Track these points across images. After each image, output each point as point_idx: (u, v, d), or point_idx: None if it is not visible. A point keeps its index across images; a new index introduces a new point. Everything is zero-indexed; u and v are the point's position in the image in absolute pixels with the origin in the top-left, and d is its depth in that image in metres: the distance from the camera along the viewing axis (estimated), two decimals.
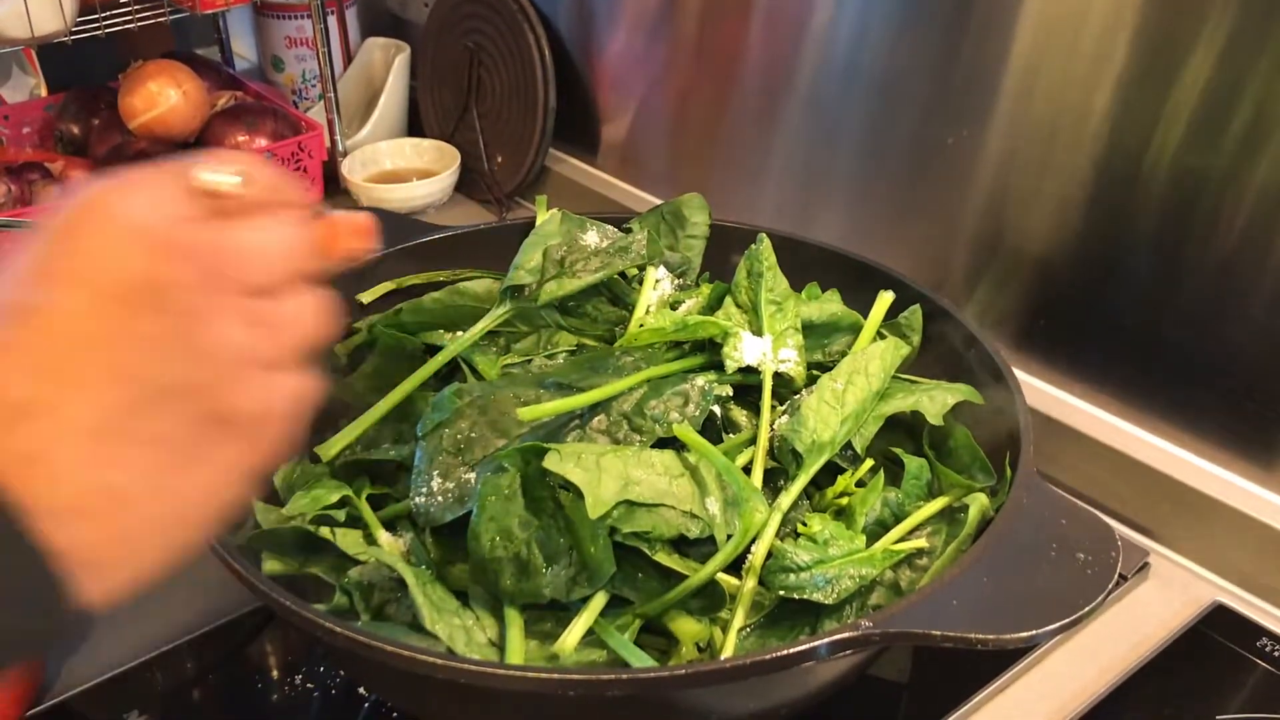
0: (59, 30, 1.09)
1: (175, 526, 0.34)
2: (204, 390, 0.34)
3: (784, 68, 0.95)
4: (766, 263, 0.73)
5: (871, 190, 0.93)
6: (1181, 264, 0.74)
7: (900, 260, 0.81)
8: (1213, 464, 0.77)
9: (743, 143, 1.01)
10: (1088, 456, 0.81)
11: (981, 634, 0.51)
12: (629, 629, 0.58)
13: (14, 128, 1.26)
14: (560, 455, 0.56)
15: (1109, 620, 0.72)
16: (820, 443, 0.64)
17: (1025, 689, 0.67)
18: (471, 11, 1.20)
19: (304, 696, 0.67)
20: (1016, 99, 0.80)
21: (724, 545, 0.58)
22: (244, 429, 0.35)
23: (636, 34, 1.08)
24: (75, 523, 0.32)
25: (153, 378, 0.33)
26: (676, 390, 0.64)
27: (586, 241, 0.78)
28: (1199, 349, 0.75)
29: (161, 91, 1.15)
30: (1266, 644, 0.70)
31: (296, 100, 1.37)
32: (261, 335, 0.35)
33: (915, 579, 0.62)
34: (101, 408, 0.32)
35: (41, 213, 0.34)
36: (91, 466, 0.32)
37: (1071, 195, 0.79)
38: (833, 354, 0.74)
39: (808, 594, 0.57)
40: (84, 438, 0.32)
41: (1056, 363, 0.84)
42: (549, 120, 1.15)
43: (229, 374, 0.35)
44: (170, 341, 0.33)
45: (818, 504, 0.65)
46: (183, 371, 0.34)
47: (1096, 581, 0.54)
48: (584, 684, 0.49)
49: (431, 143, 1.26)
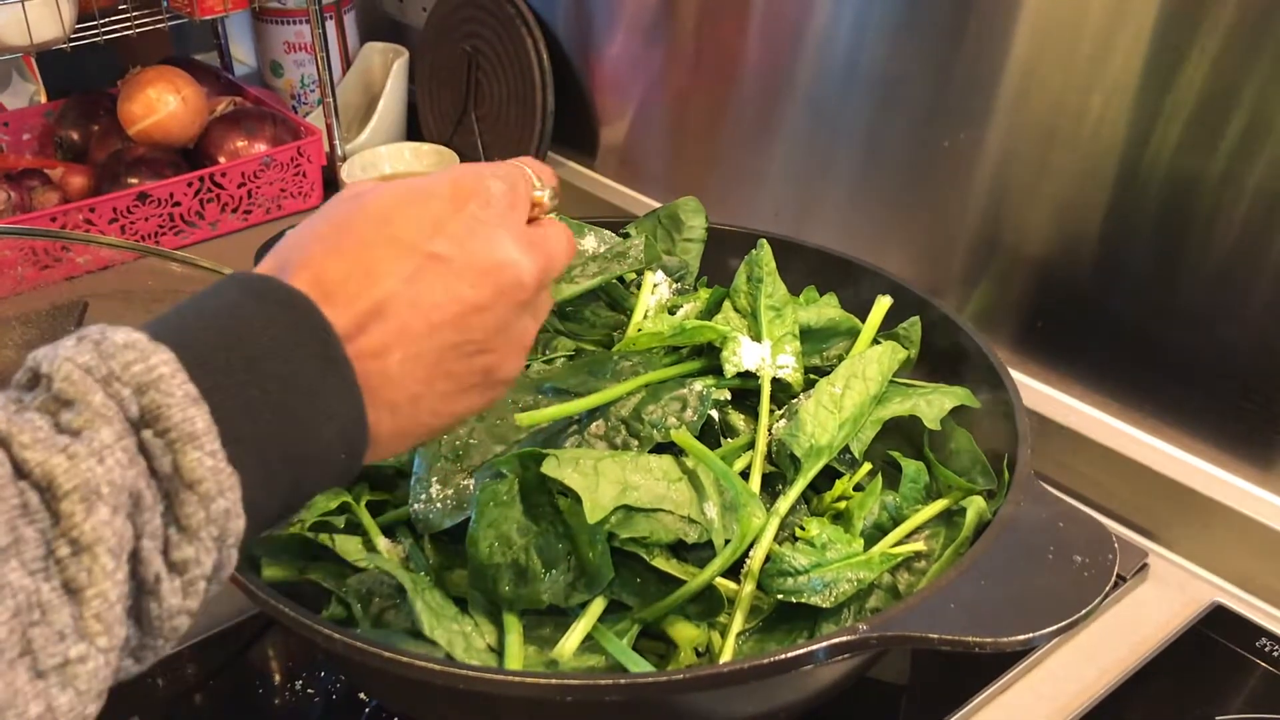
0: (58, 37, 1.10)
1: (436, 427, 0.45)
2: (495, 358, 0.46)
3: (782, 71, 0.95)
4: (766, 268, 0.73)
5: (869, 193, 0.93)
6: (1179, 265, 0.75)
7: (898, 263, 0.81)
8: (1211, 465, 0.77)
9: (740, 146, 1.01)
10: (1086, 458, 0.81)
11: (979, 637, 0.51)
12: (627, 634, 0.58)
13: (13, 134, 1.26)
14: (558, 460, 0.56)
15: (1108, 621, 0.72)
16: (818, 447, 0.64)
17: (1024, 691, 0.67)
18: (469, 15, 1.20)
19: (305, 702, 0.67)
20: (1014, 102, 0.80)
21: (722, 550, 0.59)
22: (497, 386, 0.47)
23: (634, 37, 1.08)
24: (382, 412, 0.42)
25: (474, 340, 0.44)
26: (674, 395, 0.64)
27: (584, 246, 0.78)
28: (1197, 350, 0.76)
29: (160, 97, 1.16)
30: (1266, 644, 0.70)
31: (295, 105, 1.38)
32: (537, 320, 0.49)
33: (913, 582, 0.62)
34: (437, 344, 0.43)
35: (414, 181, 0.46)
36: (411, 377, 0.42)
37: (1069, 198, 0.79)
38: (830, 358, 0.74)
39: (806, 598, 0.57)
40: (416, 359, 0.42)
41: (1054, 365, 0.84)
42: (547, 123, 1.15)
43: (515, 353, 0.47)
44: (502, 325, 0.45)
45: (816, 508, 0.65)
46: (494, 344, 0.45)
47: (1094, 584, 0.54)
48: (582, 689, 0.50)
49: (430, 146, 1.26)
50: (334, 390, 0.39)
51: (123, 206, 1.10)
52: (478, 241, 0.44)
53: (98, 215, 1.09)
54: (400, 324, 0.42)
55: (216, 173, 1.14)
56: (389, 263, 0.42)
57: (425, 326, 0.42)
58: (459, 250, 0.43)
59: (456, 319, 0.43)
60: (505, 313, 0.45)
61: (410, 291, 0.42)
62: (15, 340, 0.90)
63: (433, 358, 0.43)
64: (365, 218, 0.43)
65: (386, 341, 0.41)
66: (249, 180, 1.17)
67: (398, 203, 0.44)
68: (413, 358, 0.42)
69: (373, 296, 0.41)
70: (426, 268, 0.43)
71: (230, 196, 1.16)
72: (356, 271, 0.41)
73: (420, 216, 0.43)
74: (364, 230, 0.43)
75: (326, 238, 0.42)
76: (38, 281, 1.01)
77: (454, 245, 0.43)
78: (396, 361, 0.42)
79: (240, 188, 1.16)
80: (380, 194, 0.44)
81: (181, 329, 0.37)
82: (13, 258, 1.00)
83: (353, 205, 0.44)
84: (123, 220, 1.10)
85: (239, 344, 0.37)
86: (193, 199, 1.14)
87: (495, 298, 0.44)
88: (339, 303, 0.40)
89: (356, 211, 0.43)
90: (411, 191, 0.44)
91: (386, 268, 0.42)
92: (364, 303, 0.41)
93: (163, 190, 1.12)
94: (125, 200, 1.10)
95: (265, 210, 1.19)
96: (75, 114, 1.24)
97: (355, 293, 0.41)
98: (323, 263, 0.41)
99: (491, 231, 0.45)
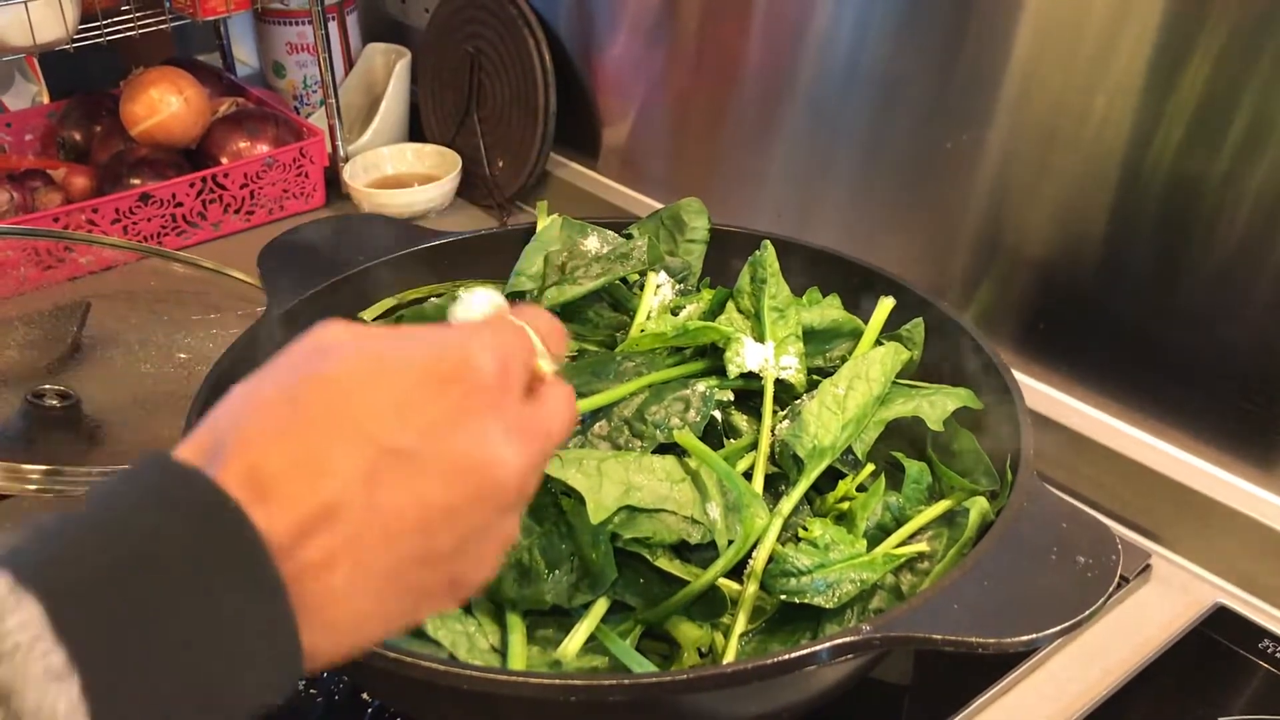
0: (61, 38, 1.10)
1: (374, 642, 0.38)
2: (463, 566, 0.38)
3: (783, 72, 0.95)
4: (770, 269, 0.73)
5: (871, 194, 0.93)
6: (1180, 266, 0.75)
7: (900, 264, 0.81)
8: (1213, 465, 0.77)
9: (743, 146, 1.01)
10: (1088, 459, 0.81)
11: (983, 638, 0.51)
12: (630, 635, 0.58)
13: (16, 135, 1.26)
14: (561, 461, 0.56)
15: (1111, 622, 0.72)
16: (821, 448, 0.64)
17: (1027, 692, 0.67)
18: (472, 16, 1.21)
19: (307, 701, 0.67)
20: (1016, 102, 0.80)
21: (725, 550, 0.59)
22: (461, 593, 0.40)
23: (636, 38, 1.08)
24: (320, 634, 0.34)
25: (440, 550, 0.37)
26: (678, 395, 0.64)
27: (587, 247, 0.78)
28: (1199, 351, 0.76)
29: (163, 98, 1.16)
30: (1268, 645, 0.70)
31: (298, 106, 1.38)
32: (517, 519, 0.41)
33: (916, 583, 0.62)
34: (394, 556, 0.36)
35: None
36: (360, 593, 0.35)
37: (1071, 198, 0.79)
38: (833, 359, 0.74)
39: (809, 598, 0.57)
40: (367, 573, 0.35)
41: (1057, 366, 0.84)
42: (549, 124, 1.16)
43: (488, 559, 0.40)
44: (476, 531, 0.38)
45: (819, 509, 0.66)
46: (464, 552, 0.38)
47: (1097, 585, 0.54)
48: (586, 690, 0.50)
49: (433, 148, 1.26)
50: (259, 625, 0.32)
51: (125, 207, 1.10)
52: (457, 436, 0.36)
53: (100, 216, 1.09)
54: (352, 532, 0.34)
55: (219, 173, 1.15)
56: (344, 455, 0.34)
57: (381, 535, 0.35)
58: (431, 445, 0.36)
59: (420, 526, 0.36)
60: (481, 518, 0.38)
61: (366, 493, 0.34)
62: (18, 340, 0.90)
63: (388, 571, 0.35)
64: (323, 391, 0.35)
65: (333, 552, 0.34)
66: (251, 181, 1.17)
67: (365, 376, 0.36)
68: (364, 571, 0.35)
69: (320, 497, 0.34)
70: (389, 464, 0.35)
71: (232, 197, 1.16)
72: (304, 463, 0.34)
73: (388, 398, 0.36)
74: (319, 408, 0.35)
75: (273, 411, 0.35)
76: (40, 282, 1.01)
77: (425, 439, 0.36)
78: (344, 576, 0.34)
79: (242, 188, 1.17)
80: (345, 358, 0.36)
81: (63, 559, 0.30)
82: (15, 258, 1.00)
83: (310, 370, 0.36)
84: (125, 221, 1.10)
85: (134, 577, 0.30)
86: (195, 200, 1.14)
87: (471, 502, 0.37)
88: (278, 502, 0.33)
89: (314, 381, 0.36)
90: (383, 362, 0.36)
91: (340, 461, 0.34)
92: (309, 504, 0.34)
93: (165, 191, 1.12)
94: (128, 201, 1.10)
95: (267, 211, 1.19)
96: (78, 115, 1.25)
97: (300, 491, 0.34)
98: (264, 449, 0.34)
99: (474, 423, 0.37)
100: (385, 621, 0.37)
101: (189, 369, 0.87)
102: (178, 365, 0.88)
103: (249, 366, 0.70)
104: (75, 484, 0.71)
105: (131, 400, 0.84)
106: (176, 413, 0.75)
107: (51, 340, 0.90)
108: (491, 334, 0.40)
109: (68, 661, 0.28)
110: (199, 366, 0.86)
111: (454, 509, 0.36)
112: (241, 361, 0.70)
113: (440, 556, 0.37)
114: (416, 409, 0.36)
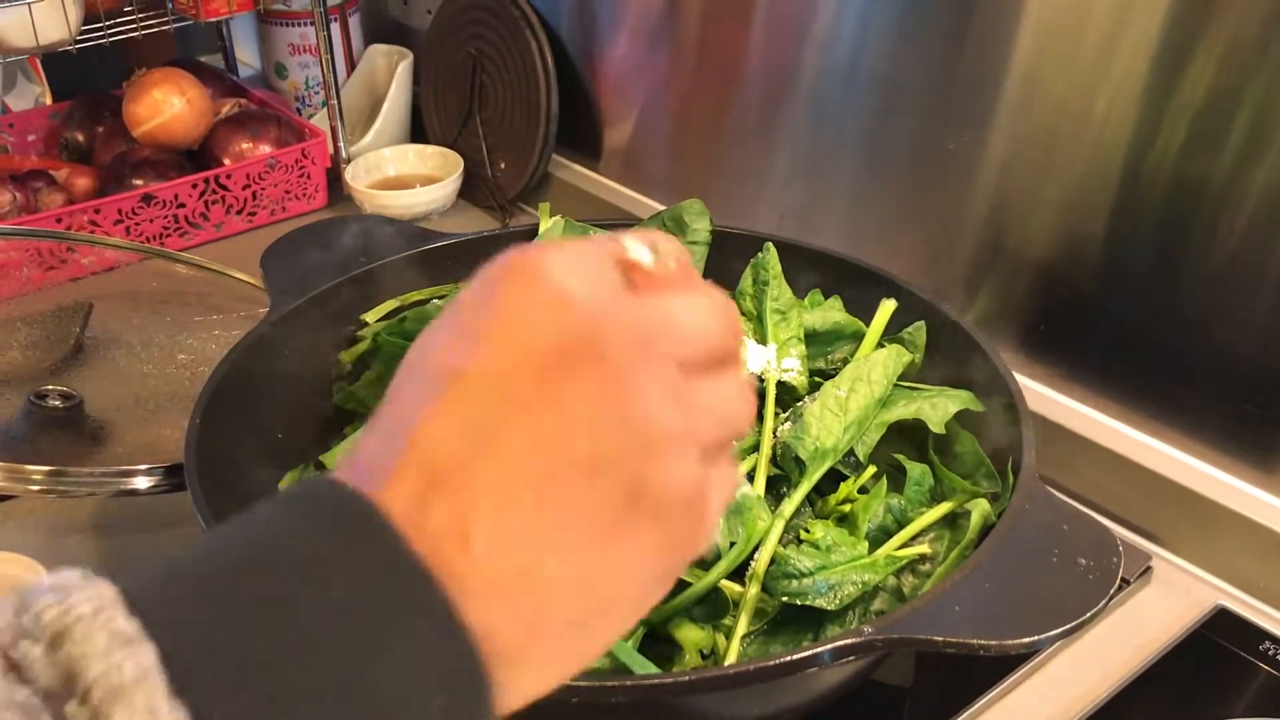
0: (64, 39, 1.10)
1: (592, 616, 0.30)
2: (630, 465, 0.30)
3: (785, 73, 0.95)
4: (773, 271, 0.73)
5: (873, 195, 0.93)
6: (1182, 269, 0.75)
7: (901, 265, 0.81)
8: (1215, 468, 0.77)
9: (744, 148, 1.01)
10: (1090, 461, 0.81)
11: (984, 640, 0.51)
12: (632, 636, 0.58)
13: (19, 135, 1.26)
14: None
15: (1112, 625, 0.72)
16: (823, 450, 0.64)
17: (1028, 694, 0.67)
18: (474, 18, 1.21)
19: None
20: (1018, 104, 0.80)
21: (727, 552, 0.59)
22: (666, 514, 0.31)
23: (638, 39, 1.08)
24: (492, 607, 0.28)
25: (577, 447, 0.29)
26: None
27: None
28: (1200, 353, 0.76)
29: (165, 99, 1.16)
30: (1269, 647, 0.70)
31: (300, 107, 1.38)
32: (692, 415, 0.32)
33: (918, 585, 0.62)
34: (520, 478, 0.29)
35: (469, 277, 0.32)
36: (508, 543, 0.29)
37: (1073, 200, 0.79)
38: (835, 361, 0.74)
39: (811, 600, 0.58)
40: (502, 511, 0.29)
41: (1058, 367, 0.84)
42: (551, 126, 1.16)
43: (658, 450, 0.31)
44: (598, 409, 0.30)
45: (820, 510, 0.66)
46: (609, 443, 0.30)
47: (1098, 587, 0.54)
48: (589, 691, 0.50)
49: (434, 149, 1.26)
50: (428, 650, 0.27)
51: (127, 208, 1.10)
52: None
53: (103, 217, 1.09)
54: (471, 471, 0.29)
55: (221, 174, 1.15)
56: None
57: (516, 453, 0.29)
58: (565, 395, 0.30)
59: (577, 425, 0.30)
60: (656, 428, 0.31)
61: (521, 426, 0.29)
62: (21, 341, 0.90)
63: (540, 486, 0.29)
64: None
65: (459, 508, 0.28)
66: (253, 182, 1.17)
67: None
68: (507, 500, 0.29)
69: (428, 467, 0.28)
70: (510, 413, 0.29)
71: (235, 198, 1.16)
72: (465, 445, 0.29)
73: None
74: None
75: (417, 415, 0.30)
76: (43, 282, 1.02)
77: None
78: (481, 529, 0.28)
79: (245, 189, 1.17)
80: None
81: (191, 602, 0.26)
82: (18, 259, 1.01)
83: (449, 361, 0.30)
84: (127, 222, 1.10)
85: (254, 568, 0.27)
86: (197, 200, 1.14)
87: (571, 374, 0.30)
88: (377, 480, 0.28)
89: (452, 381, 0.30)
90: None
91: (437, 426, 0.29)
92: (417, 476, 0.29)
93: (167, 192, 1.12)
94: (130, 202, 1.10)
95: (270, 212, 1.20)
96: (80, 115, 1.25)
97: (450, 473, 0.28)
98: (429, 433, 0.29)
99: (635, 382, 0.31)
100: (574, 578, 0.29)
101: (191, 370, 0.87)
102: (180, 366, 0.88)
103: (251, 367, 0.71)
104: (77, 484, 0.71)
105: (134, 401, 0.84)
106: (179, 413, 0.75)
107: (54, 341, 0.90)
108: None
109: (145, 628, 0.25)
110: (201, 367, 0.86)
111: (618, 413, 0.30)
112: (243, 363, 0.70)
113: (616, 455, 0.30)
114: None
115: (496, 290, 0.31)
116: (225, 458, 0.64)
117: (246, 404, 0.69)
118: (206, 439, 0.64)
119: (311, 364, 0.77)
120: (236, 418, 0.67)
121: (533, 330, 0.30)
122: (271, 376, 0.72)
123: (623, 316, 0.31)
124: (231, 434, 0.66)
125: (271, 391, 0.73)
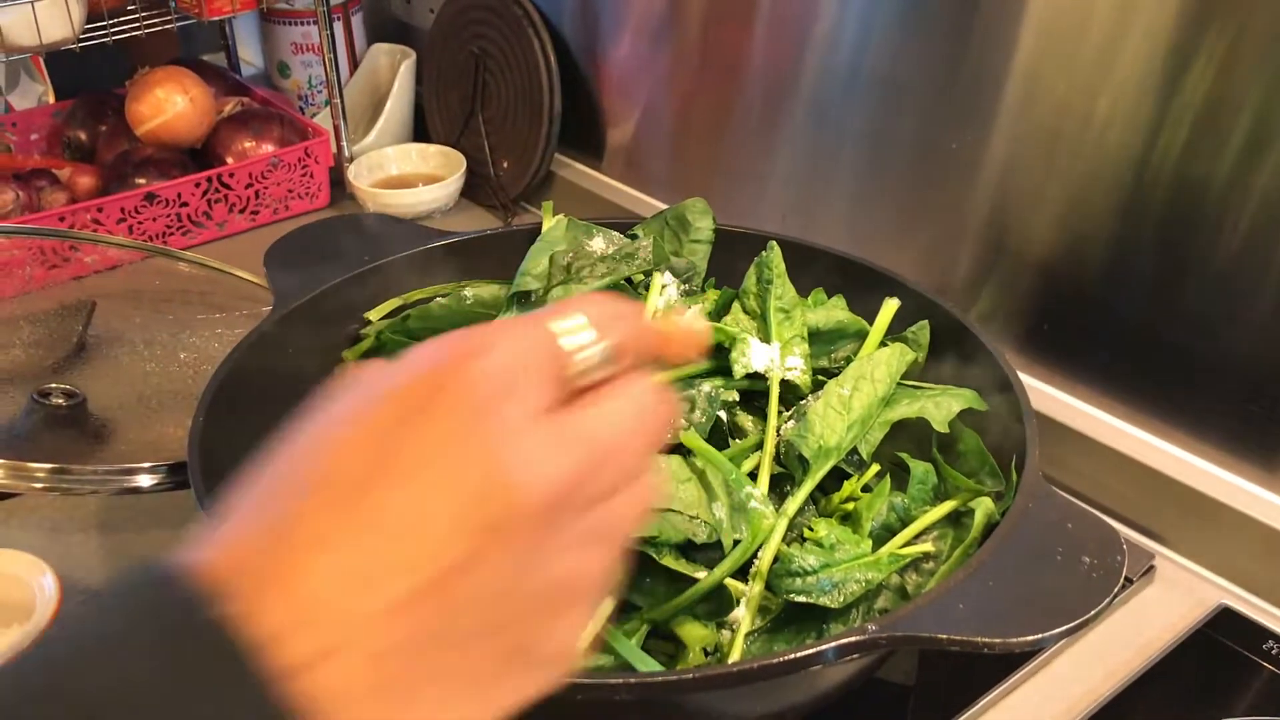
0: (67, 38, 1.10)
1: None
2: (517, 628, 0.30)
3: (788, 73, 0.95)
4: (776, 270, 0.73)
5: (875, 194, 0.93)
6: (1185, 267, 0.75)
7: (904, 264, 0.81)
8: (1218, 467, 0.77)
9: (747, 147, 1.01)
10: (1093, 460, 0.81)
11: (988, 638, 0.51)
12: (636, 634, 0.58)
13: (22, 134, 1.26)
14: None
15: (1115, 623, 0.72)
16: (826, 448, 0.64)
17: (1031, 692, 0.67)
18: (477, 17, 1.21)
19: None
20: (1020, 104, 0.80)
21: (731, 550, 0.59)
22: (546, 662, 0.31)
23: (641, 39, 1.08)
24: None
25: (469, 610, 0.29)
26: (683, 396, 0.65)
27: (592, 247, 0.78)
28: (1204, 352, 0.76)
29: (168, 98, 1.16)
30: (1272, 647, 0.70)
31: (303, 106, 1.38)
32: (589, 556, 0.31)
33: (921, 583, 0.62)
34: (404, 631, 0.28)
35: (382, 368, 0.31)
36: (379, 697, 0.28)
37: (1075, 199, 0.79)
38: (838, 360, 0.74)
39: (814, 598, 0.58)
40: (374, 661, 0.27)
41: (1061, 366, 0.84)
42: (554, 125, 1.16)
43: (549, 614, 0.31)
44: (500, 577, 0.29)
45: (824, 509, 0.66)
46: (503, 609, 0.29)
47: (1102, 585, 0.54)
48: (593, 688, 0.50)
49: (437, 148, 1.26)
50: None
51: (130, 206, 1.10)
52: (446, 460, 0.29)
53: (105, 215, 1.09)
54: (338, 620, 0.27)
55: (224, 173, 1.15)
56: (312, 543, 0.28)
57: (376, 614, 0.27)
58: (413, 485, 0.28)
59: (424, 587, 0.28)
60: (506, 557, 0.29)
61: (347, 567, 0.28)
62: (24, 339, 0.90)
63: (400, 655, 0.28)
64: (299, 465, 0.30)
65: (321, 647, 0.27)
66: (256, 181, 1.17)
67: (327, 425, 0.30)
68: (364, 661, 0.27)
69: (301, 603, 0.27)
70: (363, 527, 0.28)
71: (238, 197, 1.16)
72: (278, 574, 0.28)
73: (360, 457, 0.29)
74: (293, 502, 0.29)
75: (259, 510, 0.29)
76: (46, 281, 1.02)
77: (408, 480, 0.29)
78: (338, 672, 0.27)
79: (248, 188, 1.17)
80: (325, 420, 0.30)
81: None
82: (21, 257, 1.01)
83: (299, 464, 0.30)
84: (130, 220, 1.11)
85: None
86: (200, 199, 1.14)
87: (482, 537, 0.29)
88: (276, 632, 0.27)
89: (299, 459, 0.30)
90: (351, 405, 0.30)
91: (311, 557, 0.28)
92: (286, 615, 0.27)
93: (170, 190, 1.12)
94: (133, 200, 1.10)
95: (272, 210, 1.20)
96: (83, 114, 1.25)
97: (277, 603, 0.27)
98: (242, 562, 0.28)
99: (466, 441, 0.29)
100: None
101: (194, 368, 0.87)
102: (183, 364, 0.88)
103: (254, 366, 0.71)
104: (80, 482, 0.71)
105: (136, 399, 0.84)
106: (182, 411, 0.75)
107: (57, 339, 0.90)
108: (509, 326, 0.32)
109: None
110: (204, 366, 0.86)
111: (466, 556, 0.28)
112: (246, 361, 0.70)
113: (476, 626, 0.29)
114: (392, 454, 0.29)
115: (417, 410, 0.29)
116: (228, 456, 0.64)
117: (249, 402, 0.69)
118: (209, 437, 0.64)
119: (314, 362, 0.77)
120: (239, 416, 0.67)
121: (458, 475, 0.29)
122: (274, 375, 0.72)
123: (560, 469, 0.30)
124: (234, 432, 0.66)
125: (274, 390, 0.72)
